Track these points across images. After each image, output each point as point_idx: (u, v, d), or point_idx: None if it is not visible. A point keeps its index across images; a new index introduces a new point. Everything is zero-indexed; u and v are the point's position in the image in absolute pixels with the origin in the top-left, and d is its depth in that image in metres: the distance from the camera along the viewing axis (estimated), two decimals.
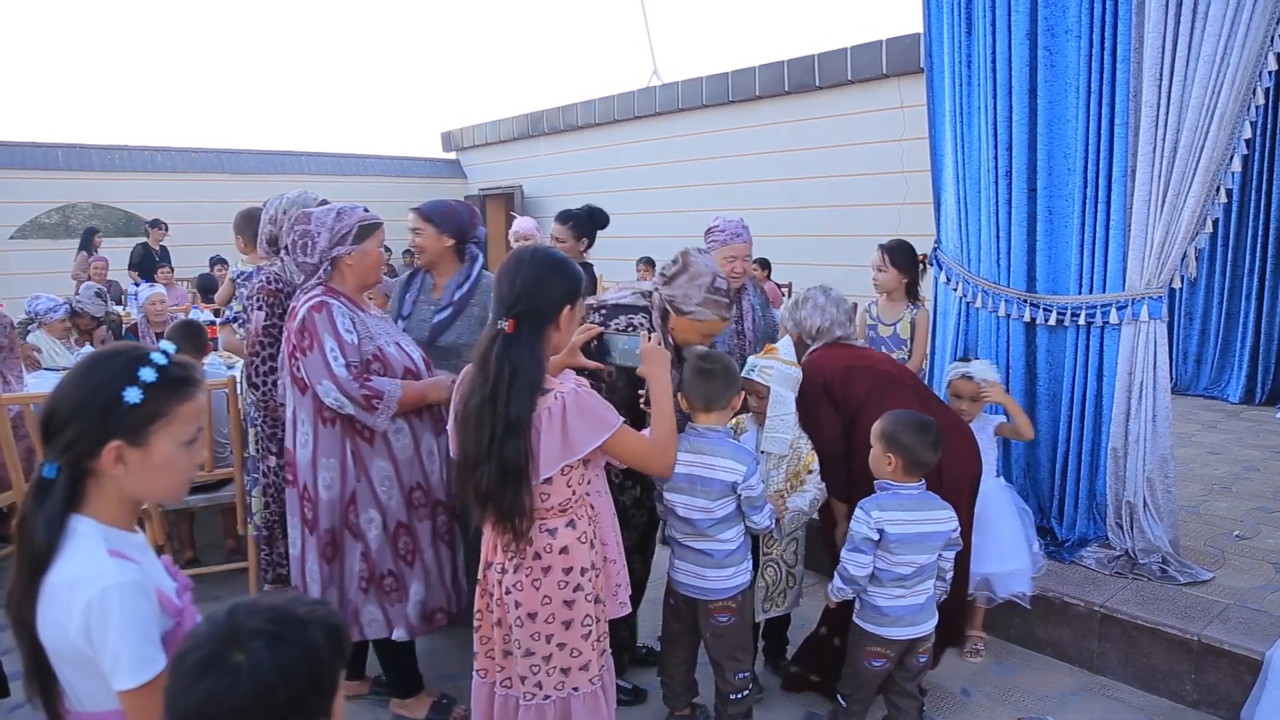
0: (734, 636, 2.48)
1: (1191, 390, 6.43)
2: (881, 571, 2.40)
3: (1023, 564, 3.02)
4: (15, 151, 11.72)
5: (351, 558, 2.55)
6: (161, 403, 1.29)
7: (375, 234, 2.57)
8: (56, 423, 1.26)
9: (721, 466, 2.34)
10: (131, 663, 1.20)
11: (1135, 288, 3.15)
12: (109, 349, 1.34)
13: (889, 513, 2.36)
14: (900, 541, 2.35)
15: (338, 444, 2.50)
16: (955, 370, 3.13)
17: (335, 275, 2.55)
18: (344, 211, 2.54)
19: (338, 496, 2.51)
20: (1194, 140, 2.96)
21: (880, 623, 2.42)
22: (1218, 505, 4.03)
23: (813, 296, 2.97)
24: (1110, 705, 2.87)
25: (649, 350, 2.17)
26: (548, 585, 1.99)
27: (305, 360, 2.41)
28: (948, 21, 3.62)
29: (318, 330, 2.41)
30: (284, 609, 1.00)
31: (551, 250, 2.06)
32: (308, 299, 2.48)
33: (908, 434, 2.35)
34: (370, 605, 2.58)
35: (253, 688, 0.93)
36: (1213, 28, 2.84)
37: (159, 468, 1.30)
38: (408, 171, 15.27)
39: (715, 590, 2.43)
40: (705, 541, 2.41)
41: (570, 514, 2.01)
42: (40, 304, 5.32)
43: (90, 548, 1.24)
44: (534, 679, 2.02)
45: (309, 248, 2.52)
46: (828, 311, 2.92)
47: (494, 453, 1.87)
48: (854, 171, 9.10)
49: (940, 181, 3.91)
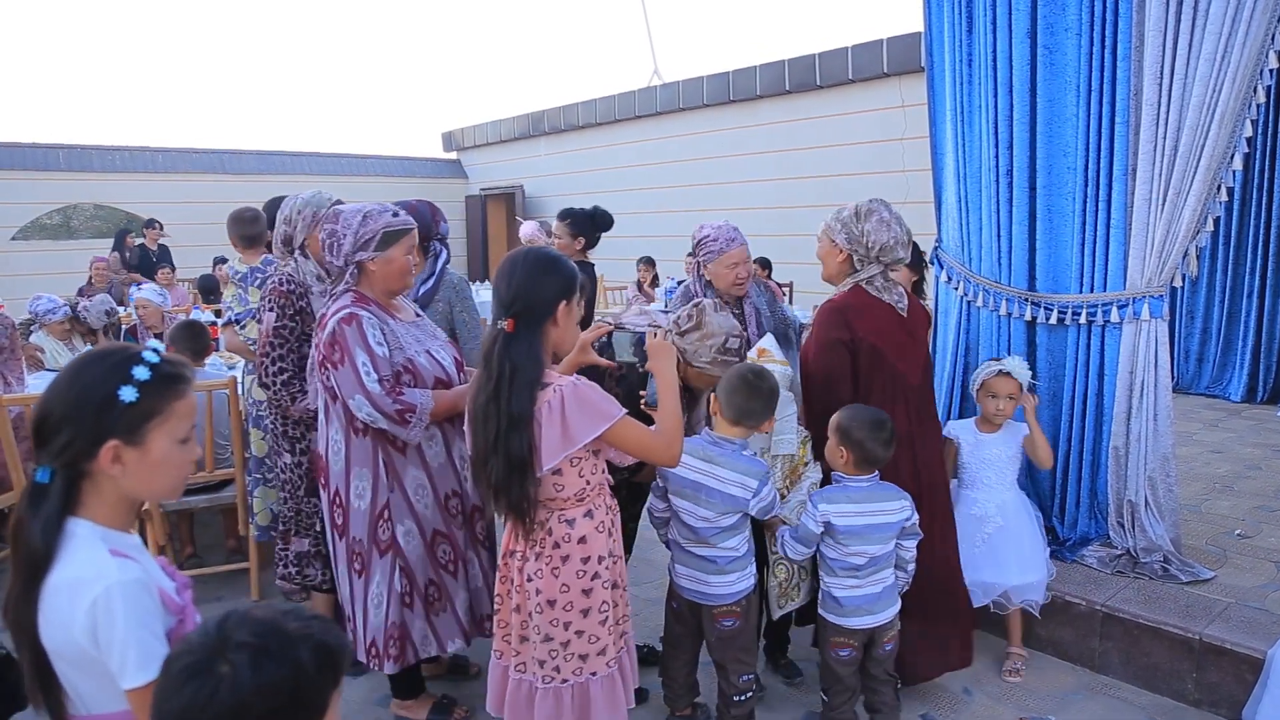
0: (739, 640, 2.47)
1: (1193, 389, 6.41)
2: (834, 561, 2.46)
3: (1041, 574, 3.01)
4: (16, 152, 11.74)
5: (385, 574, 2.48)
6: (157, 400, 1.29)
7: (402, 240, 2.46)
8: (50, 426, 1.26)
9: (732, 481, 2.33)
10: (139, 660, 1.19)
11: (1136, 286, 3.14)
12: (98, 350, 1.34)
13: (836, 505, 2.41)
14: (849, 533, 2.40)
15: (369, 455, 2.46)
16: (989, 368, 3.03)
17: (362, 280, 2.48)
18: (370, 215, 2.45)
19: (369, 506, 2.47)
20: (1195, 139, 2.95)
21: (840, 613, 2.47)
22: (1219, 504, 4.03)
23: (878, 209, 2.65)
24: (1112, 704, 2.87)
25: (654, 346, 2.22)
26: (566, 574, 2.07)
27: (337, 374, 2.36)
28: (948, 20, 3.61)
29: (348, 344, 2.35)
30: (275, 623, 0.98)
31: (545, 250, 2.12)
32: (337, 309, 2.42)
33: (861, 430, 2.39)
34: (418, 621, 2.53)
35: (230, 701, 0.92)
36: (1213, 26, 2.83)
37: (156, 466, 1.30)
38: (409, 172, 15.28)
39: (718, 595, 2.42)
40: (708, 549, 2.41)
41: (588, 503, 2.10)
42: (40, 304, 5.32)
43: (90, 548, 1.24)
44: (552, 664, 2.10)
45: (335, 249, 2.46)
46: (894, 228, 2.63)
47: (500, 447, 1.96)
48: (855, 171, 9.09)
49: (941, 180, 3.90)
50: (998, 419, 3.01)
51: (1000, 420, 3.02)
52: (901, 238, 2.67)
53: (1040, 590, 3.00)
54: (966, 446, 3.08)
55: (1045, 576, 3.03)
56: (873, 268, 2.70)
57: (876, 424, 2.40)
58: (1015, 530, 2.99)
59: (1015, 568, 2.95)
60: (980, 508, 3.02)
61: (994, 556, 2.95)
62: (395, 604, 2.49)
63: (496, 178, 14.99)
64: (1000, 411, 3.00)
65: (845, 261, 2.72)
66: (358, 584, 2.51)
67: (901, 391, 2.71)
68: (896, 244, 2.66)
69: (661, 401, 2.16)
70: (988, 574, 2.95)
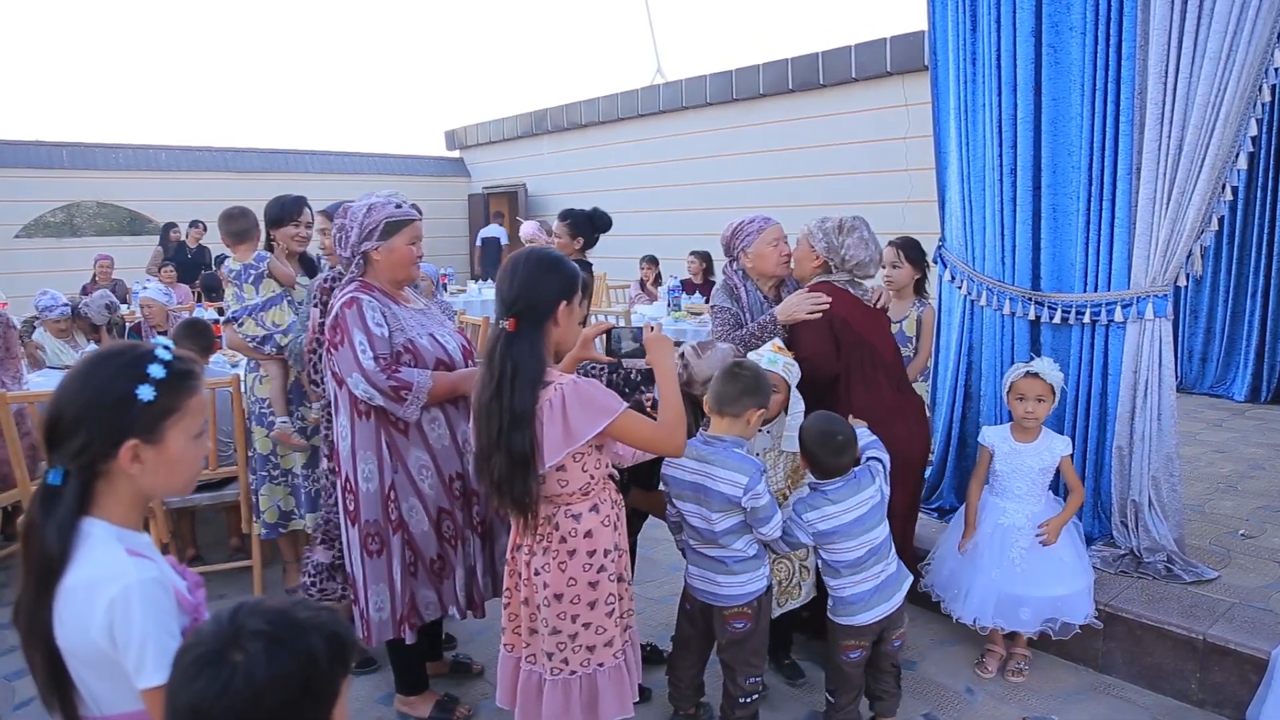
0: (750, 643, 2.46)
1: (1197, 388, 6.40)
2: (836, 562, 2.47)
3: (1086, 583, 2.91)
4: (20, 150, 11.76)
5: (398, 550, 2.57)
6: (173, 398, 1.29)
7: (404, 230, 2.55)
8: (64, 428, 1.24)
9: (723, 478, 2.32)
10: (157, 660, 1.19)
11: (1140, 286, 3.14)
12: (107, 349, 1.34)
13: (819, 510, 2.43)
14: (838, 533, 2.42)
15: (373, 436, 2.52)
16: (1018, 370, 2.94)
17: (368, 269, 2.58)
18: (375, 206, 2.55)
19: (377, 488, 2.54)
20: (1199, 138, 2.94)
21: (850, 613, 2.47)
22: (1223, 504, 4.02)
23: (859, 227, 2.87)
24: (1115, 704, 2.86)
25: (652, 339, 2.24)
26: (573, 567, 2.11)
27: (337, 355, 2.46)
28: (952, 19, 3.60)
29: (348, 325, 2.45)
30: (287, 613, 0.99)
31: (547, 250, 2.18)
32: (342, 294, 2.53)
33: (813, 442, 2.45)
34: (424, 589, 2.62)
35: (245, 690, 0.92)
36: (1219, 24, 2.82)
37: (174, 463, 1.30)
38: (412, 170, 15.30)
39: (729, 596, 2.42)
40: (716, 549, 2.41)
41: (593, 498, 2.13)
42: (44, 300, 5.34)
43: (107, 548, 1.24)
44: (560, 655, 2.14)
45: (343, 241, 2.58)
46: (870, 248, 2.86)
47: (503, 444, 2.00)
48: (857, 170, 9.09)
49: (945, 179, 3.90)
50: (1028, 422, 2.91)
51: (1031, 424, 2.92)
52: (875, 257, 2.94)
53: (1087, 600, 2.89)
54: (1000, 454, 2.98)
55: (1089, 584, 2.91)
56: (842, 275, 2.93)
57: (825, 435, 2.44)
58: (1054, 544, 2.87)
59: (1051, 579, 2.85)
60: (1010, 518, 2.92)
61: (1028, 570, 2.86)
62: (404, 576, 2.57)
63: (499, 176, 15.00)
64: (1030, 414, 2.90)
65: (819, 266, 2.97)
66: (376, 564, 2.56)
67: (881, 365, 2.87)
68: (870, 262, 2.92)
69: (662, 393, 2.18)
70: (1020, 587, 2.85)
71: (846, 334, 2.87)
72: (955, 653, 3.16)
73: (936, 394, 4.02)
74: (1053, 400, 2.92)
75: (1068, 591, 2.86)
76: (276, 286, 3.54)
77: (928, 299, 4.03)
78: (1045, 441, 2.95)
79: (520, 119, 14.24)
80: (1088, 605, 2.90)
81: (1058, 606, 2.86)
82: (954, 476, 3.85)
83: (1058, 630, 2.89)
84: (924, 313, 3.92)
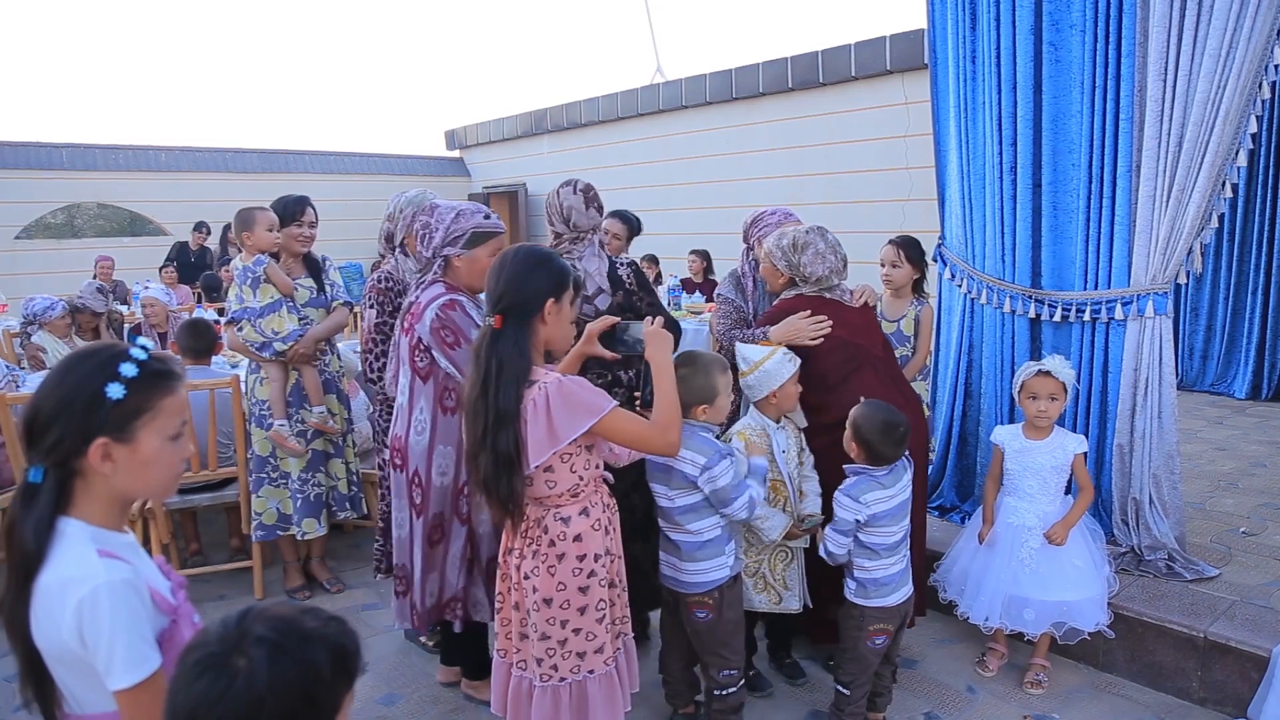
0: (716, 633, 2.44)
1: (1197, 386, 6.40)
2: (877, 544, 2.51)
3: (1099, 589, 2.87)
4: (19, 151, 11.74)
5: (456, 542, 2.62)
6: (144, 397, 1.28)
7: (489, 242, 2.60)
8: (39, 424, 1.25)
9: (686, 458, 2.32)
10: (126, 662, 1.19)
11: (1140, 283, 3.13)
12: (86, 348, 1.33)
13: (872, 493, 2.47)
14: (888, 516, 2.49)
15: (456, 432, 2.55)
16: (1029, 369, 2.90)
17: (449, 272, 2.63)
18: (463, 213, 2.61)
19: (450, 483, 2.60)
20: (1199, 135, 2.94)
21: (884, 593, 2.52)
22: (1224, 501, 4.02)
23: (813, 242, 2.86)
24: (1116, 702, 2.86)
25: (650, 333, 2.21)
26: (562, 572, 2.07)
27: (456, 354, 2.49)
28: (952, 17, 3.60)
29: (459, 325, 2.50)
30: (294, 620, 0.98)
31: (535, 248, 2.14)
32: (434, 296, 2.55)
33: (873, 432, 2.47)
34: (476, 590, 2.68)
35: (245, 697, 0.91)
36: (1218, 21, 2.82)
37: (147, 463, 1.30)
38: (411, 170, 15.28)
39: (690, 584, 2.41)
40: (675, 531, 2.42)
41: (583, 501, 2.09)
42: (36, 304, 5.27)
43: (79, 549, 1.24)
44: (549, 661, 2.10)
45: (426, 240, 2.63)
46: (828, 259, 2.85)
47: (488, 443, 1.97)
48: (858, 168, 9.08)
49: (945, 177, 3.90)
50: (1040, 421, 2.88)
51: (1043, 423, 2.88)
52: (836, 266, 2.87)
53: (1098, 609, 2.85)
54: (1011, 451, 2.95)
55: (1102, 593, 2.87)
56: (811, 287, 2.91)
57: (888, 426, 2.45)
58: (1065, 546, 2.83)
59: (1059, 583, 2.81)
60: (1020, 517, 2.89)
61: (1038, 572, 2.82)
62: (454, 568, 2.63)
63: (499, 176, 14.98)
64: (1042, 413, 2.86)
65: (787, 282, 2.97)
66: (434, 551, 2.61)
67: (867, 361, 2.87)
68: (832, 273, 2.87)
69: (658, 388, 2.14)
70: (1026, 588, 2.83)
71: (832, 342, 2.84)
72: (956, 651, 3.16)
73: (937, 392, 4.02)
74: (1065, 398, 2.89)
75: (1077, 597, 2.82)
76: (275, 292, 3.52)
77: (926, 298, 4.02)
78: (1058, 439, 2.91)
79: (520, 119, 14.22)
80: (1099, 614, 2.85)
81: (1065, 611, 2.83)
82: (954, 475, 3.85)
83: (1064, 635, 2.86)
84: (922, 311, 3.91)
